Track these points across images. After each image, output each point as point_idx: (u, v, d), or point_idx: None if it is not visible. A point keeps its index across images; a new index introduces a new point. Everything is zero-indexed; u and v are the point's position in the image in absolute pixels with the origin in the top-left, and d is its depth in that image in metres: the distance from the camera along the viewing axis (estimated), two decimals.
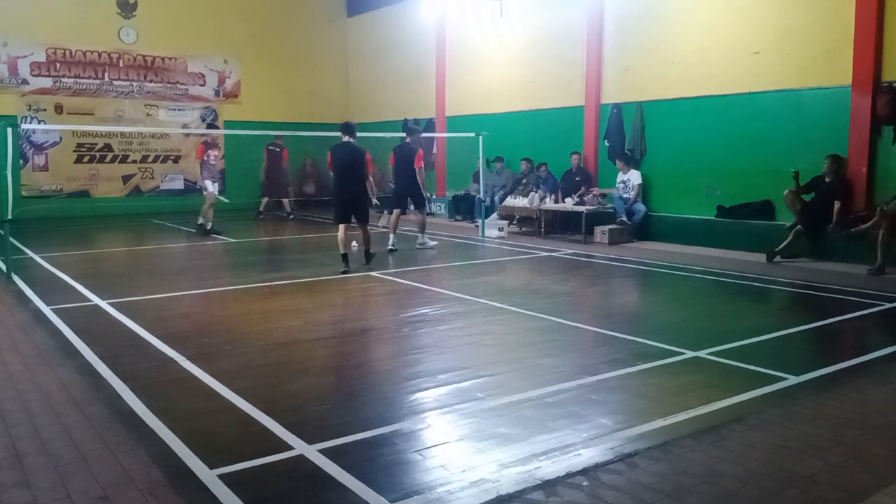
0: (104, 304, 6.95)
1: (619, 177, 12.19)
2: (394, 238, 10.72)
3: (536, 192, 12.63)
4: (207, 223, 12.56)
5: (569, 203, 12.09)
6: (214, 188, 12.70)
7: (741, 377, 4.72)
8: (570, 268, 9.46)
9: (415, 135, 11.28)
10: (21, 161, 15.50)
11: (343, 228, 9.14)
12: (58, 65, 16.15)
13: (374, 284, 8.25)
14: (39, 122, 15.91)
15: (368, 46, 19.04)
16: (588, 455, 3.46)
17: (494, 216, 13.35)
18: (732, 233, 10.51)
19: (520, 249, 11.02)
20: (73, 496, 3.09)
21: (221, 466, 3.33)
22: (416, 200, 11.07)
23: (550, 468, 3.32)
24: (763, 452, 3.50)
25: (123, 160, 17.11)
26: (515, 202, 12.95)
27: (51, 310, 6.68)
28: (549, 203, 12.36)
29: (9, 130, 8.74)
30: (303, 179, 18.42)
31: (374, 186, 10.44)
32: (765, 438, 3.67)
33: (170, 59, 17.38)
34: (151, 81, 17.20)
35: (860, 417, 3.97)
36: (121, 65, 16.83)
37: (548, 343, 5.62)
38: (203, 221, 12.67)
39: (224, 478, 3.22)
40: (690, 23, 11.37)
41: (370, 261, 9.32)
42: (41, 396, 4.35)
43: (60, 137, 16.20)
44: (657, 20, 11.85)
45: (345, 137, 9.25)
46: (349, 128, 9.34)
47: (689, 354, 5.19)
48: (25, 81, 15.82)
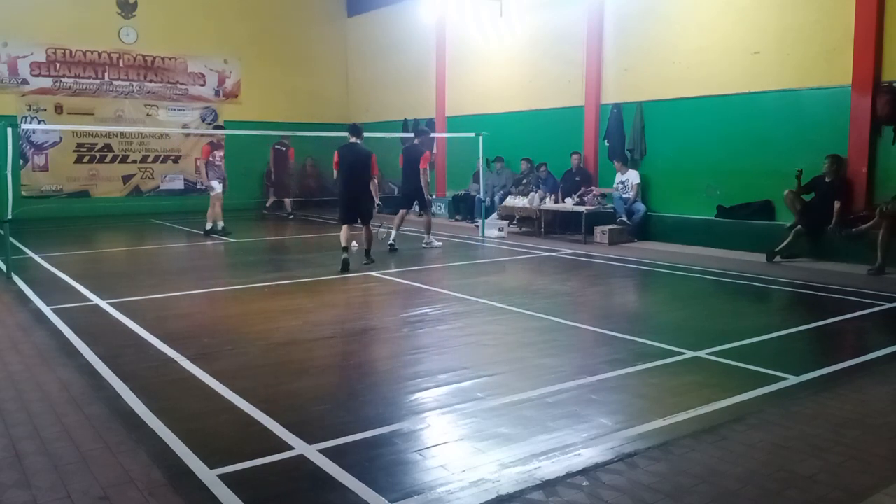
0: (104, 304, 6.96)
1: (618, 177, 12.20)
2: (395, 234, 10.77)
3: (536, 192, 12.63)
4: (219, 223, 12.56)
5: (569, 203, 12.09)
6: (220, 189, 12.69)
7: (741, 377, 4.72)
8: (570, 268, 9.46)
9: (423, 136, 11.33)
10: (21, 161, 15.51)
11: (346, 227, 9.24)
12: (58, 65, 16.15)
13: (375, 284, 8.25)
14: (39, 122, 15.91)
15: (368, 46, 19.04)
16: (588, 455, 3.46)
17: (494, 216, 13.35)
18: (732, 233, 10.52)
19: (520, 249, 11.02)
20: (73, 496, 3.09)
21: (221, 466, 3.33)
22: (422, 201, 11.14)
23: (550, 468, 3.32)
24: (763, 452, 3.50)
25: (123, 160, 17.12)
26: (515, 202, 12.96)
27: (51, 310, 6.68)
28: (549, 203, 12.36)
29: (9, 130, 8.74)
30: (303, 179, 18.45)
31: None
32: (765, 438, 3.67)
33: (170, 59, 17.38)
34: (151, 81, 17.20)
35: (860, 417, 3.97)
36: (121, 65, 16.83)
37: (548, 343, 5.62)
38: (212, 224, 12.67)
39: (224, 478, 3.22)
40: (690, 23, 11.37)
41: (370, 260, 9.33)
42: (41, 396, 4.35)
43: (60, 137, 16.21)
44: (657, 20, 11.85)
45: (352, 139, 9.36)
46: (356, 129, 9.47)
47: (689, 354, 5.19)
48: (25, 81, 15.82)
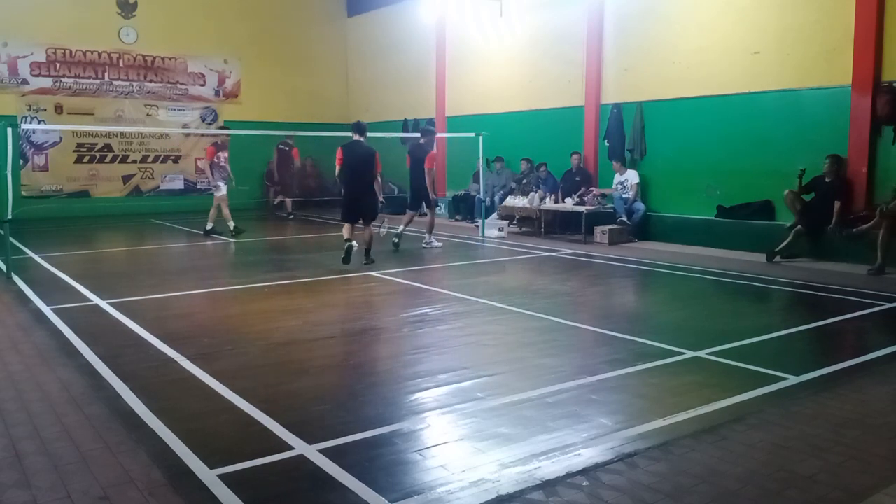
0: (104, 304, 6.96)
1: (616, 178, 12.21)
2: (402, 230, 10.92)
3: (536, 192, 12.63)
4: (229, 223, 12.53)
5: (569, 203, 12.09)
6: (225, 190, 12.67)
7: (741, 377, 4.72)
8: (570, 268, 9.46)
9: (429, 136, 11.36)
10: (21, 161, 15.50)
11: (348, 226, 9.32)
12: (58, 65, 16.15)
13: (374, 284, 8.25)
14: (39, 122, 15.91)
15: (368, 46, 19.04)
16: (588, 455, 3.46)
17: (494, 216, 13.35)
18: (732, 233, 10.52)
19: (520, 249, 11.02)
20: (73, 496, 3.09)
21: (221, 466, 3.32)
22: (427, 201, 11.19)
23: (550, 468, 3.32)
24: (763, 452, 3.50)
25: (123, 160, 17.11)
26: (515, 202, 12.96)
27: (51, 310, 6.68)
28: (549, 203, 12.36)
29: (9, 130, 8.74)
30: (303, 179, 18.43)
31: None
32: (765, 438, 3.67)
33: (170, 59, 17.38)
34: (151, 81, 17.20)
35: (860, 417, 3.97)
36: (121, 65, 16.83)
37: (548, 343, 5.62)
38: (212, 225, 12.66)
39: (224, 478, 3.22)
40: (690, 23, 11.37)
41: (370, 260, 9.33)
42: (41, 396, 4.35)
43: (60, 137, 16.20)
44: (657, 20, 11.85)
45: (355, 136, 9.37)
46: (360, 127, 9.45)
47: (689, 354, 5.19)
48: (25, 81, 15.82)
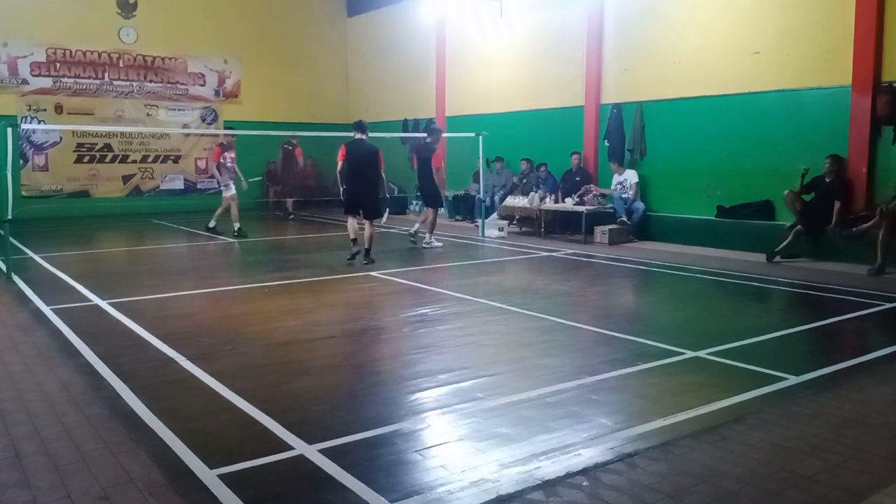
0: (104, 304, 6.95)
1: (615, 178, 12.22)
2: (417, 228, 11.20)
3: (536, 192, 12.63)
4: (235, 224, 12.51)
5: (569, 203, 12.09)
6: (234, 190, 12.65)
7: (741, 377, 4.72)
8: (570, 268, 9.46)
9: (435, 135, 11.40)
10: (21, 161, 15.50)
11: (352, 219, 9.60)
12: (58, 65, 16.15)
13: (374, 284, 8.25)
14: (39, 122, 15.91)
15: (368, 46, 19.04)
16: (588, 455, 3.46)
17: (494, 216, 13.35)
18: (732, 233, 10.52)
19: (520, 249, 11.02)
20: (73, 496, 3.08)
21: (221, 466, 3.32)
22: (432, 200, 11.29)
23: (550, 468, 3.32)
24: (763, 452, 3.50)
25: (123, 160, 17.11)
26: (515, 202, 12.96)
27: (51, 310, 6.68)
28: (549, 203, 12.36)
29: (9, 130, 8.74)
30: (303, 179, 18.41)
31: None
32: (765, 438, 3.67)
33: (170, 59, 17.38)
34: (151, 81, 17.20)
35: (860, 417, 3.97)
36: (121, 65, 16.83)
37: (548, 343, 5.61)
38: (215, 223, 12.66)
39: (224, 478, 3.22)
40: (690, 23, 11.37)
41: (370, 260, 9.34)
42: (41, 396, 4.35)
43: (60, 137, 16.20)
44: (657, 20, 11.85)
45: (357, 135, 9.56)
46: (362, 126, 9.64)
47: (689, 354, 5.19)
48: (25, 81, 15.82)
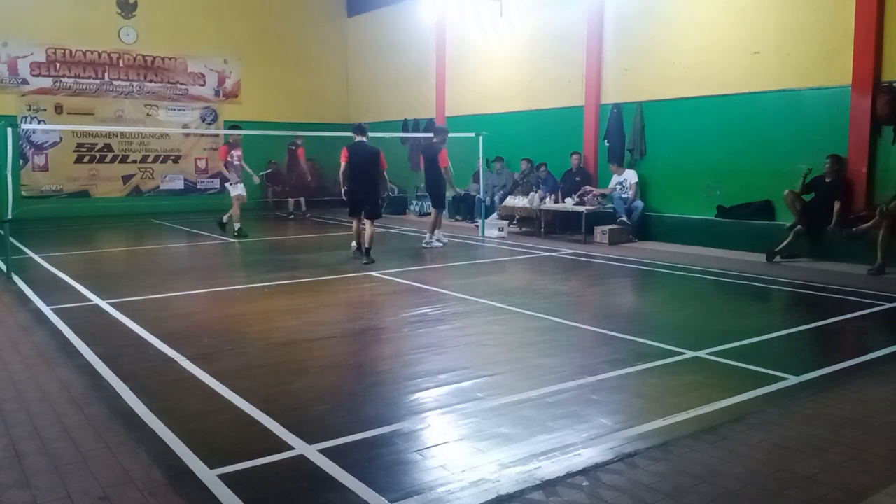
0: (104, 304, 6.95)
1: (615, 178, 12.22)
2: (438, 234, 11.28)
3: (536, 192, 12.63)
4: (235, 224, 12.47)
5: (569, 203, 12.09)
6: (241, 189, 12.61)
7: (741, 377, 4.71)
8: (570, 268, 9.46)
9: (441, 135, 11.43)
10: (21, 161, 15.50)
11: (356, 222, 9.79)
12: (58, 65, 16.15)
13: (374, 284, 8.25)
14: (39, 122, 15.91)
15: (368, 46, 19.04)
16: (588, 455, 3.46)
17: (494, 216, 13.35)
18: (732, 233, 10.52)
19: (520, 249, 11.02)
20: (73, 496, 3.08)
21: (221, 466, 3.32)
22: (437, 200, 11.36)
23: (550, 468, 3.32)
24: (763, 452, 3.50)
25: (123, 160, 17.11)
26: (515, 202, 12.95)
27: (51, 310, 6.68)
28: (549, 203, 12.36)
29: (9, 130, 8.74)
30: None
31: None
32: (765, 438, 3.67)
33: (170, 59, 17.38)
34: (151, 81, 17.20)
35: (860, 417, 3.97)
36: (121, 65, 16.83)
37: (548, 343, 5.61)
38: (228, 219, 12.64)
39: (224, 478, 3.22)
40: (690, 23, 11.37)
41: (370, 260, 9.36)
42: (41, 396, 4.35)
43: (60, 137, 16.20)
44: (657, 20, 11.85)
45: (357, 137, 9.74)
46: (362, 128, 9.87)
47: (689, 354, 5.19)
48: (25, 81, 15.82)
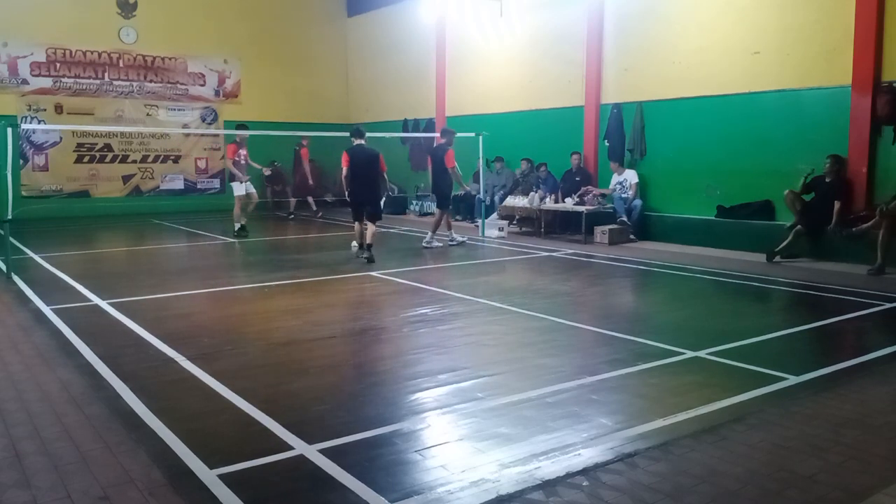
0: (104, 304, 6.95)
1: (615, 178, 12.22)
2: (452, 234, 11.38)
3: (536, 192, 12.63)
4: (236, 223, 12.45)
5: (569, 203, 12.09)
6: (243, 190, 12.59)
7: (741, 377, 4.72)
8: (570, 268, 9.46)
9: (448, 136, 11.46)
10: (21, 161, 15.51)
11: (359, 225, 9.86)
12: (58, 65, 16.15)
13: (374, 284, 8.25)
14: (39, 122, 15.91)
15: (368, 46, 19.03)
16: (588, 455, 3.46)
17: (494, 216, 13.35)
18: (732, 233, 10.51)
19: (520, 249, 11.02)
20: (73, 496, 3.09)
21: (221, 466, 3.33)
22: (442, 201, 11.42)
23: (550, 468, 3.32)
24: (763, 452, 3.50)
25: (123, 160, 17.11)
26: (515, 202, 12.96)
27: (51, 310, 6.68)
28: (549, 203, 12.36)
29: (9, 130, 8.75)
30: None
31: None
32: (765, 438, 3.67)
33: (170, 59, 17.38)
34: (151, 81, 17.20)
35: (860, 417, 3.97)
36: (121, 65, 16.83)
37: (548, 343, 5.61)
38: (239, 222, 12.66)
39: (224, 478, 3.22)
40: (690, 23, 11.36)
41: (370, 256, 9.47)
42: (41, 396, 4.35)
43: (60, 137, 16.21)
44: (657, 20, 11.85)
45: (356, 141, 9.85)
46: (360, 132, 10.04)
47: (689, 354, 5.19)
48: (25, 81, 15.82)
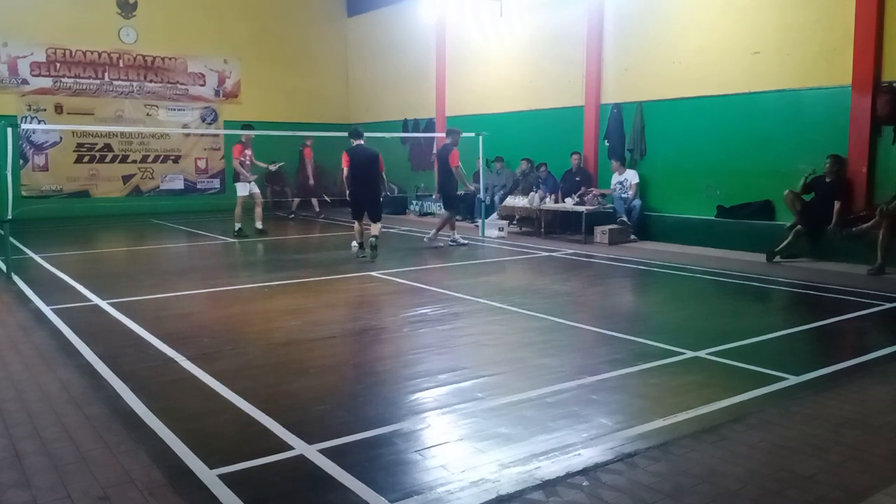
0: (104, 304, 6.95)
1: (615, 178, 12.22)
2: (454, 235, 11.31)
3: (536, 192, 12.63)
4: (236, 223, 12.44)
5: (569, 203, 12.09)
6: (246, 191, 12.56)
7: (741, 377, 4.71)
8: (570, 268, 9.46)
9: (453, 136, 11.46)
10: (21, 161, 15.51)
11: (359, 224, 9.91)
12: (58, 65, 16.15)
13: (374, 284, 8.25)
14: (39, 122, 15.91)
15: (368, 46, 19.04)
16: (588, 455, 3.46)
17: (494, 216, 13.35)
18: (732, 233, 10.51)
19: (520, 249, 11.02)
20: (73, 496, 3.09)
21: (221, 466, 3.33)
22: (449, 202, 11.51)
23: (550, 468, 3.32)
24: (763, 452, 3.50)
25: (123, 160, 17.11)
26: (515, 202, 12.96)
27: (51, 310, 6.68)
28: (549, 203, 12.36)
29: (9, 130, 8.74)
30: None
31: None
32: (765, 438, 3.67)
33: (170, 59, 17.38)
34: (151, 81, 17.20)
35: (860, 417, 3.97)
36: (121, 65, 16.83)
37: (548, 343, 5.61)
38: (261, 223, 12.64)
39: (224, 478, 3.22)
40: (690, 23, 11.36)
41: (373, 252, 9.63)
42: (41, 396, 4.35)
43: (60, 137, 16.21)
44: (657, 20, 11.85)
45: (355, 141, 9.94)
46: (359, 133, 10.14)
47: (689, 354, 5.19)
48: (25, 81, 15.82)
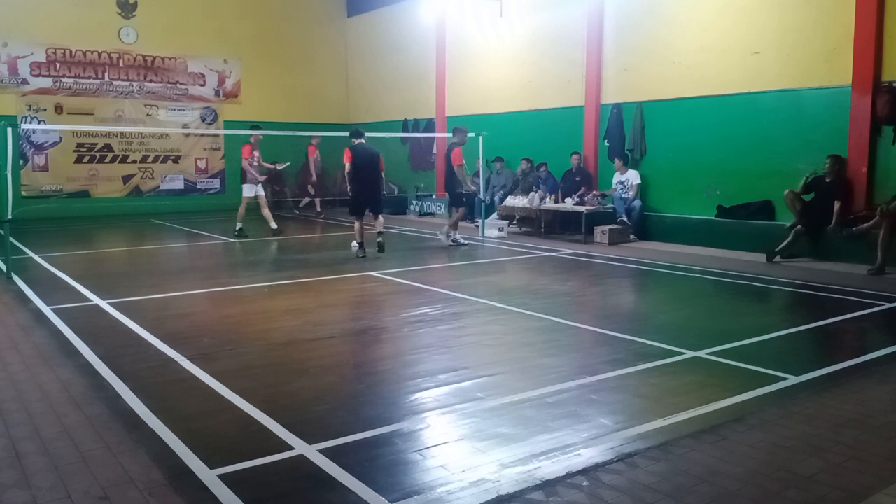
0: (104, 304, 6.95)
1: (617, 177, 12.21)
2: (455, 234, 11.33)
3: (536, 192, 12.63)
4: (237, 223, 12.45)
5: (569, 203, 12.09)
6: (252, 192, 12.54)
7: (741, 377, 4.72)
8: (570, 268, 9.46)
9: (459, 134, 11.45)
10: (21, 161, 15.50)
11: (359, 222, 10.01)
12: (58, 65, 16.15)
13: (374, 284, 8.25)
14: (39, 122, 15.91)
15: (368, 46, 19.03)
16: (588, 455, 3.46)
17: (494, 216, 13.35)
18: (732, 233, 10.52)
19: (520, 249, 11.02)
20: (73, 496, 3.09)
21: (221, 466, 3.33)
22: (454, 199, 11.58)
23: (550, 468, 3.32)
24: (763, 452, 3.50)
25: (123, 160, 17.12)
26: (515, 202, 12.96)
27: (51, 310, 6.67)
28: (549, 203, 12.36)
29: (9, 130, 8.74)
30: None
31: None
32: (765, 438, 3.67)
33: (170, 59, 17.38)
34: (151, 81, 17.20)
35: (860, 417, 3.97)
36: (121, 65, 16.83)
37: (548, 343, 5.61)
38: (276, 225, 12.66)
39: (224, 478, 3.22)
40: (690, 23, 11.36)
41: (380, 247, 9.83)
42: (41, 396, 4.35)
43: (60, 137, 16.21)
44: (657, 20, 11.85)
45: (356, 140, 10.09)
46: (360, 132, 10.31)
47: (689, 354, 5.19)
48: (25, 81, 15.82)
